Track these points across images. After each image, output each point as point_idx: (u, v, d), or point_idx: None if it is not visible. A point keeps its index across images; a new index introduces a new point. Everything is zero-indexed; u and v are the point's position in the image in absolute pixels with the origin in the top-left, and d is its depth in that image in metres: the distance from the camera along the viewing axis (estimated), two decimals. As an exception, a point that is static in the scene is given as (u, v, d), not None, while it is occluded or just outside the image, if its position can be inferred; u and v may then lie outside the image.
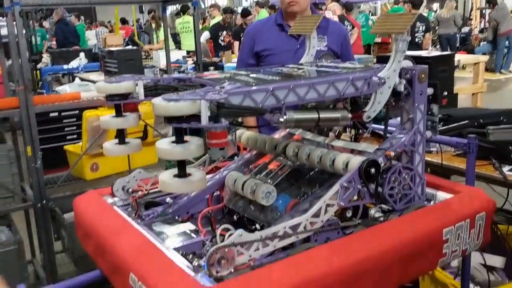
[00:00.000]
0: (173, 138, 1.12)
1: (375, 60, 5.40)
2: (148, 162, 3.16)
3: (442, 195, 1.50)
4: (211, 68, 5.51)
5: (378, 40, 11.28)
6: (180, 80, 1.43)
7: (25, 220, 3.22)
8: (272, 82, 1.24)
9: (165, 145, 1.10)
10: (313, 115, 1.34)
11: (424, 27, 7.64)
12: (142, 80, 1.39)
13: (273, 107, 1.22)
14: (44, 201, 2.76)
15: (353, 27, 7.55)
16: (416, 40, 7.52)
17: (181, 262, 1.16)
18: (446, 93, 3.70)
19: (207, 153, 1.13)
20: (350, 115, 1.41)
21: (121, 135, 1.45)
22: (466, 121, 2.05)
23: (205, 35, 8.43)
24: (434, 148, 2.34)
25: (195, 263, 1.13)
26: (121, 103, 1.41)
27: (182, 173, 1.11)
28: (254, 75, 1.37)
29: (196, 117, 1.05)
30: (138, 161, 2.85)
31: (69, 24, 9.81)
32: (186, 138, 1.11)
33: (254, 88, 1.17)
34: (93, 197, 1.58)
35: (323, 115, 1.35)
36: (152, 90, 1.40)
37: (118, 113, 1.42)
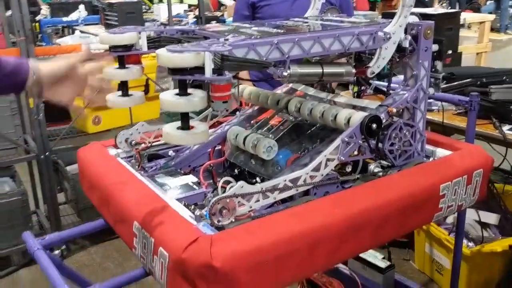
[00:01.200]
0: (177, 91, 1.12)
1: (380, 17, 5.31)
2: (150, 117, 3.17)
3: (441, 152, 1.52)
4: (213, 22, 5.43)
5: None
6: (183, 32, 1.42)
7: (28, 172, 3.26)
8: (277, 35, 1.23)
9: (169, 97, 1.10)
10: (317, 70, 1.33)
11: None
12: (145, 31, 1.38)
13: (277, 61, 1.22)
14: (47, 153, 2.78)
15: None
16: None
17: (183, 212, 1.19)
18: (450, 51, 3.67)
19: (210, 106, 1.13)
20: (354, 70, 1.40)
21: (124, 87, 1.45)
22: (469, 80, 2.05)
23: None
24: (435, 107, 2.35)
25: (197, 212, 1.16)
26: (124, 55, 1.40)
27: (185, 126, 1.12)
28: (258, 28, 1.36)
29: (200, 69, 1.05)
30: (139, 115, 2.85)
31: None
32: (189, 90, 1.11)
33: (258, 40, 1.16)
34: (96, 148, 1.60)
35: (327, 69, 1.35)
36: (155, 42, 1.38)
37: (121, 65, 1.41)
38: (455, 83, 2.06)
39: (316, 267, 1.16)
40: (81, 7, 6.66)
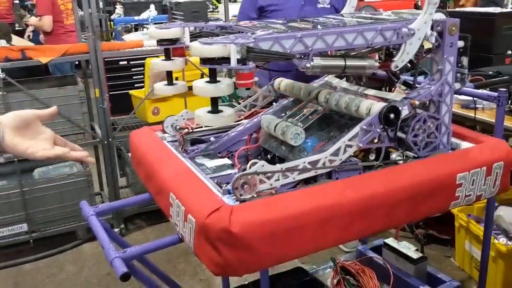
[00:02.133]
0: (208, 79, 1.28)
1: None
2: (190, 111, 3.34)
3: (466, 145, 1.57)
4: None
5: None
6: (222, 27, 1.57)
7: (94, 157, 3.58)
8: (302, 30, 1.35)
9: (201, 84, 1.26)
10: (340, 62, 1.43)
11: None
12: (188, 26, 1.55)
13: (301, 53, 1.34)
14: (110, 139, 3.06)
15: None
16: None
17: (214, 187, 1.34)
18: (510, 51, 3.57)
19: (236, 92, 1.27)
20: (377, 64, 1.49)
21: (169, 77, 1.64)
22: (505, 77, 2.04)
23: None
24: (480, 105, 2.36)
25: (224, 187, 1.31)
26: (170, 48, 1.58)
27: (214, 109, 1.28)
28: (289, 24, 1.48)
29: (227, 59, 1.19)
30: (193, 106, 3.02)
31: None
32: (218, 78, 1.26)
33: (283, 34, 1.29)
34: (146, 132, 1.79)
35: (350, 62, 1.45)
36: (197, 36, 1.55)
37: (167, 57, 1.60)
38: (490, 80, 2.06)
39: (327, 241, 1.26)
40: (152, 6, 7.04)
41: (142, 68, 4.57)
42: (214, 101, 1.27)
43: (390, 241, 2.22)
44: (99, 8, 6.33)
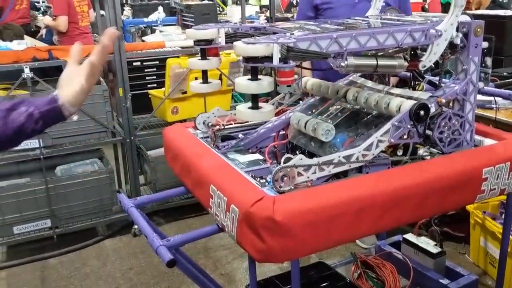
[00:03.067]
0: (249, 76, 1.35)
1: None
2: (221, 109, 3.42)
3: (488, 142, 1.64)
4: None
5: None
6: (256, 28, 1.64)
7: (114, 156, 3.66)
8: (337, 31, 1.42)
9: (243, 81, 1.33)
10: (372, 62, 1.51)
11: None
12: (223, 28, 1.63)
13: (336, 53, 1.41)
14: (132, 137, 3.14)
15: (431, -16, 7.31)
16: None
17: (252, 180, 1.41)
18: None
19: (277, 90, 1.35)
20: (406, 63, 1.56)
21: (204, 75, 1.71)
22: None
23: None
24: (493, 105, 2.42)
25: (262, 180, 1.38)
26: (206, 48, 1.66)
27: (254, 105, 1.35)
28: (321, 25, 1.56)
29: (269, 58, 1.27)
30: (212, 107, 3.11)
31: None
32: (260, 76, 1.34)
33: (320, 35, 1.36)
34: (179, 128, 1.87)
35: (381, 62, 1.52)
36: (232, 37, 1.62)
37: (203, 56, 1.67)
38: (508, 80, 2.14)
39: (361, 230, 1.33)
40: (160, 8, 7.13)
41: (155, 69, 4.67)
42: (255, 98, 1.35)
43: (409, 236, 2.29)
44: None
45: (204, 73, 1.71)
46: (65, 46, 3.43)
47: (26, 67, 2.71)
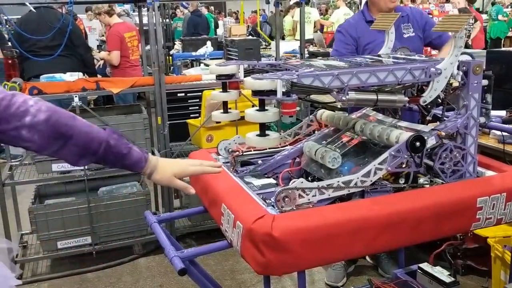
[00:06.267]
0: (257, 107, 1.52)
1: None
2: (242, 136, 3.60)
3: (489, 173, 1.72)
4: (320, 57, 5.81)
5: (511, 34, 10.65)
6: (271, 65, 1.83)
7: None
8: (340, 68, 1.58)
9: (251, 112, 1.51)
10: (372, 96, 1.64)
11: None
12: (243, 64, 1.82)
13: (338, 88, 1.56)
14: (168, 163, 3.36)
15: (475, 21, 7.33)
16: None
17: (260, 201, 1.56)
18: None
19: (281, 119, 1.51)
20: (406, 98, 1.69)
21: (225, 106, 1.90)
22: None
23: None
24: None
25: (268, 201, 1.53)
26: (227, 82, 1.85)
27: (262, 133, 1.52)
28: (327, 62, 1.72)
29: (274, 91, 1.44)
30: (244, 134, 3.30)
31: (202, 16, 10.68)
32: (267, 107, 1.51)
33: (322, 72, 1.52)
34: (203, 153, 2.06)
35: (381, 96, 1.65)
36: (250, 72, 1.81)
37: (224, 89, 1.87)
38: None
39: (355, 250, 1.45)
40: (208, 43, 7.51)
41: (198, 100, 4.95)
42: (262, 126, 1.52)
43: (425, 265, 2.35)
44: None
45: (225, 104, 1.90)
46: (111, 78, 3.74)
47: (75, 96, 3.02)
